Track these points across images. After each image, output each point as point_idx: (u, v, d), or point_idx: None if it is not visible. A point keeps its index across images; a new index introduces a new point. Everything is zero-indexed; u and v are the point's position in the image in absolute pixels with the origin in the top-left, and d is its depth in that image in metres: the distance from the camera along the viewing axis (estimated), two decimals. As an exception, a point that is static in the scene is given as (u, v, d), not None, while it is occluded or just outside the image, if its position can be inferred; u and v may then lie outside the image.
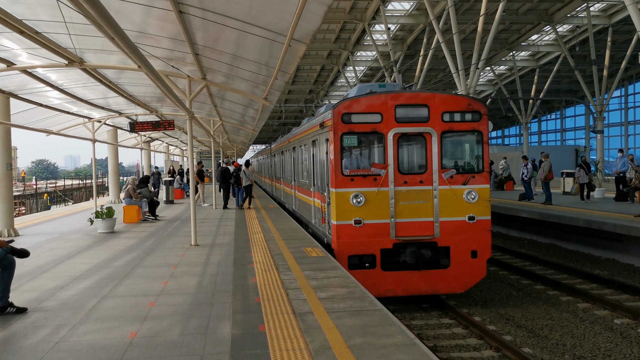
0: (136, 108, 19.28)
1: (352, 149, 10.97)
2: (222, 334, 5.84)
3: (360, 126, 10.66)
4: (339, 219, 10.62)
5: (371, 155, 11.10)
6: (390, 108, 10.70)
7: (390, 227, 10.65)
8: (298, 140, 16.75)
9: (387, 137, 10.68)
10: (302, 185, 16.16)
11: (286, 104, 45.65)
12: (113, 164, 26.97)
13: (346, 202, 10.58)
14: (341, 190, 10.62)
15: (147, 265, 9.89)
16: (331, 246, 11.04)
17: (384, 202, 10.63)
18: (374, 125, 10.69)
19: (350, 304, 6.81)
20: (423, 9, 28.22)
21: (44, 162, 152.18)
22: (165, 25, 9.14)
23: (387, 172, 10.67)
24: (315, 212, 13.56)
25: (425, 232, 10.75)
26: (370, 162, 10.93)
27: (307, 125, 14.69)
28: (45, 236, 14.40)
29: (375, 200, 10.59)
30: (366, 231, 10.58)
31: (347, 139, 10.67)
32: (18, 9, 8.13)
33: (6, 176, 14.30)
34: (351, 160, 10.93)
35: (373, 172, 10.68)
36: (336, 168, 10.64)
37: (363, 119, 10.66)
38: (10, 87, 13.56)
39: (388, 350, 5.19)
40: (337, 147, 10.61)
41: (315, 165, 13.40)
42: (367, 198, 10.57)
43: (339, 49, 35.10)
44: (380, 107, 10.73)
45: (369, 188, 10.60)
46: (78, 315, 6.66)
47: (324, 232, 12.14)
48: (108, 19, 5.32)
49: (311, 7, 6.96)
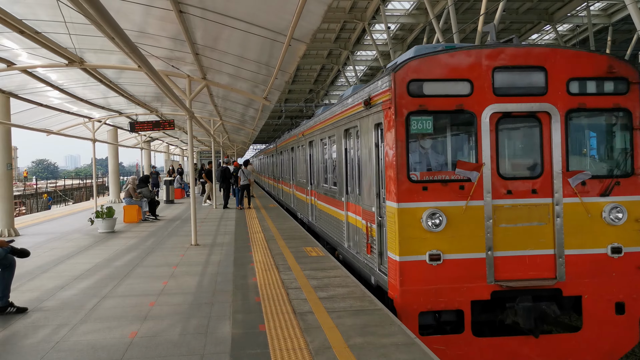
0: (136, 108, 19.28)
1: (424, 139, 7.16)
2: (223, 333, 5.84)
3: (437, 102, 6.80)
4: (404, 252, 6.75)
5: (454, 148, 7.42)
6: (485, 72, 6.84)
7: (487, 266, 6.79)
8: (319, 132, 12.90)
9: (481, 120, 6.84)
10: (325, 192, 12.37)
11: (286, 104, 45.64)
12: (113, 164, 27.01)
13: (415, 224, 6.73)
14: (408, 205, 6.73)
15: (148, 265, 9.90)
16: (387, 294, 7.25)
17: (476, 224, 6.79)
18: (459, 100, 6.83)
19: (351, 304, 6.81)
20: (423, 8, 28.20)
21: (44, 162, 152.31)
22: (165, 25, 9.14)
23: (481, 175, 6.79)
24: (351, 233, 9.71)
25: (541, 273, 6.90)
26: (452, 160, 7.20)
27: (336, 109, 10.68)
28: (45, 236, 14.40)
29: (461, 222, 6.76)
30: (448, 272, 6.76)
31: (417, 122, 6.80)
32: (18, 8, 8.13)
33: (6, 176, 14.31)
34: (421, 158, 7.20)
35: (458, 177, 6.83)
36: (399, 170, 6.74)
37: (442, 89, 6.83)
38: (10, 87, 13.57)
39: (388, 350, 5.19)
40: (400, 135, 6.75)
41: (349, 165, 9.69)
42: (449, 218, 6.71)
43: (339, 49, 35.10)
44: (469, 70, 6.85)
45: (452, 202, 6.77)
46: (78, 315, 6.66)
47: (371, 266, 8.15)
48: (108, 18, 5.32)
49: (311, 6, 6.96)
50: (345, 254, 10.15)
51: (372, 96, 7.72)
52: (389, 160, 6.99)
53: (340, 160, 10.31)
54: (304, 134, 15.55)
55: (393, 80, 6.79)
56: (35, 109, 15.78)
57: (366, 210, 8.45)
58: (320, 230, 13.27)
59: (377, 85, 7.48)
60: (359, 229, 9.03)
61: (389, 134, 6.97)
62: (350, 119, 9.24)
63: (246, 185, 20.86)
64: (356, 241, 9.28)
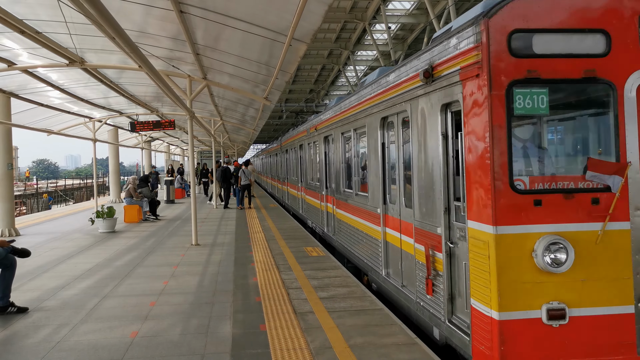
0: (137, 108, 19.29)
1: (534, 124, 4.97)
2: (223, 333, 5.84)
3: (555, 65, 4.40)
4: (506, 306, 4.35)
5: (581, 139, 5.28)
6: (629, 20, 4.45)
7: (638, 327, 4.42)
8: (338, 125, 10.50)
9: (623, 93, 4.46)
10: (348, 200, 10.00)
11: (287, 104, 45.65)
12: (114, 164, 27.03)
13: (524, 260, 4.37)
14: (511, 229, 4.38)
15: (148, 265, 9.90)
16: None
17: (620, 259, 4.42)
18: (589, 62, 4.43)
19: (351, 304, 6.81)
20: (424, 8, 28.19)
21: (45, 162, 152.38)
22: (165, 25, 9.14)
23: (626, 181, 4.41)
24: (392, 258, 7.27)
25: None
26: (578, 157, 5.10)
27: (365, 93, 8.28)
28: (46, 236, 14.41)
29: (597, 257, 4.40)
30: (578, 336, 4.37)
31: (524, 98, 4.39)
32: (19, 8, 8.14)
33: (7, 176, 14.32)
34: (531, 154, 4.86)
35: (590, 184, 4.48)
36: (496, 173, 4.38)
37: (562, 44, 4.41)
38: (11, 87, 13.58)
39: (389, 350, 5.18)
40: (498, 117, 4.36)
41: (389, 165, 7.51)
42: (577, 250, 4.35)
43: (340, 49, 35.10)
44: (604, 16, 4.45)
45: (582, 225, 4.41)
46: (79, 314, 6.67)
47: (433, 313, 5.67)
48: (108, 18, 5.32)
49: (312, 6, 6.96)
50: (381, 284, 7.62)
51: (438, 63, 5.31)
52: (475, 159, 4.56)
53: (374, 159, 7.88)
54: (317, 128, 13.25)
55: (485, 31, 4.31)
56: (35, 108, 15.79)
57: (424, 230, 5.92)
58: (341, 246, 10.59)
59: (448, 45, 5.03)
60: (408, 254, 6.51)
61: (476, 119, 4.52)
62: (393, 102, 6.82)
63: (247, 185, 20.91)
64: (402, 270, 6.78)
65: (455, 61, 4.88)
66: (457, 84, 4.89)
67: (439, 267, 5.48)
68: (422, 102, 5.86)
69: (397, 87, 6.64)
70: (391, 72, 7.00)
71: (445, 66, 5.13)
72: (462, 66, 4.72)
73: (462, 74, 4.73)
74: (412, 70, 6.05)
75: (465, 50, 4.66)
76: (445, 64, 5.13)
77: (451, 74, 4.97)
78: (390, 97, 6.93)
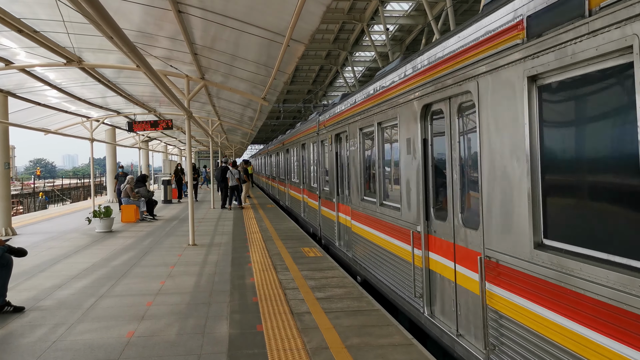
0: (134, 107, 19.27)
1: None
2: (220, 333, 5.83)
3: None
4: None
5: None
6: None
7: None
8: (356, 119, 9.01)
9: None
10: (366, 211, 8.47)
11: (284, 104, 45.68)
12: (111, 163, 26.97)
13: None
14: None
15: (145, 265, 9.89)
16: None
17: None
18: None
19: (348, 304, 6.81)
20: (422, 9, 28.22)
21: (42, 161, 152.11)
22: (164, 25, 9.14)
23: None
24: (439, 293, 5.64)
25: None
26: None
27: (394, 77, 6.83)
28: (42, 235, 14.38)
29: None
30: None
31: None
32: (17, 7, 8.12)
33: (4, 175, 14.29)
34: None
35: None
36: None
37: None
38: (8, 86, 13.55)
39: (386, 351, 5.19)
40: None
41: (449, 170, 5.28)
42: None
43: (338, 50, 35.12)
44: None
45: None
46: (75, 314, 6.65)
47: None
48: (107, 18, 5.31)
49: (310, 7, 6.96)
50: (423, 323, 6.02)
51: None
52: None
53: (411, 160, 6.22)
54: (326, 125, 11.65)
55: None
56: (33, 108, 15.76)
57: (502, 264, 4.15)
58: (362, 268, 8.80)
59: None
60: (470, 294, 4.81)
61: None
62: (443, 82, 5.15)
63: (235, 186, 20.97)
64: (457, 314, 5.12)
65: None
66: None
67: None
68: (505, 75, 4.01)
69: (453, 61, 4.90)
70: (441, 40, 5.23)
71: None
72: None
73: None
74: (497, 25, 4.09)
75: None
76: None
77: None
78: (434, 79, 5.38)
